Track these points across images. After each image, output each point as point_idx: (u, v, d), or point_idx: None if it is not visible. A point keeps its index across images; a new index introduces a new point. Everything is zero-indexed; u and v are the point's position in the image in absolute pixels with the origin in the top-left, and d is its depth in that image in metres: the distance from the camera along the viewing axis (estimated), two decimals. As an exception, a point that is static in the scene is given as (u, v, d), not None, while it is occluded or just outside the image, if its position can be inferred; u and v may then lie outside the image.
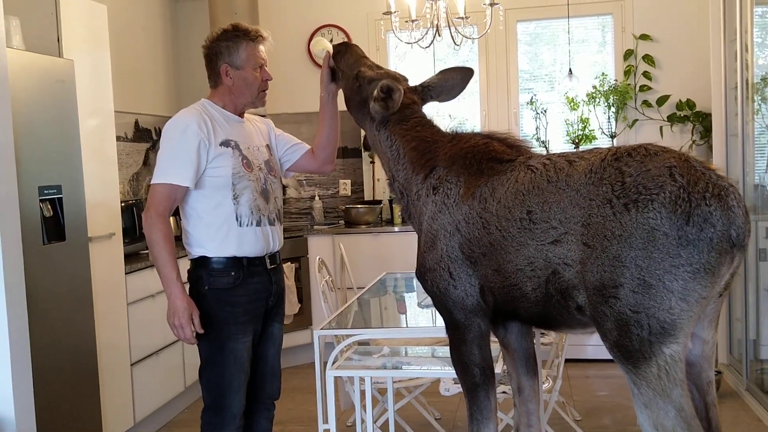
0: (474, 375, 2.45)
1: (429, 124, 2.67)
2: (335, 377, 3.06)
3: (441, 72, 2.79)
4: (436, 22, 4.15)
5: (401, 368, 3.19)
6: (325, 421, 3.10)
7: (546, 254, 2.13)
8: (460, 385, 3.21)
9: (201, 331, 2.75)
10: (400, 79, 2.74)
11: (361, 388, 3.21)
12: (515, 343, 2.62)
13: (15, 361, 2.22)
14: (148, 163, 5.59)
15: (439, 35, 4.21)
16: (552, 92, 6.07)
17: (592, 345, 5.25)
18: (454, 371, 2.56)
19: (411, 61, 6.20)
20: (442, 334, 3.05)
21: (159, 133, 5.77)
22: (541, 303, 2.22)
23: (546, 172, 2.20)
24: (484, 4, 4.23)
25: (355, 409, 3.18)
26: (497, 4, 4.24)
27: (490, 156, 2.42)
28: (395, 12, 4.24)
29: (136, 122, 5.50)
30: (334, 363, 3.08)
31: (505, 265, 2.24)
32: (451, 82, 2.77)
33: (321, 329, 3.18)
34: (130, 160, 5.33)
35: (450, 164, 2.48)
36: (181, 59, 6.25)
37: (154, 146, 5.70)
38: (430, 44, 4.35)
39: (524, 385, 2.63)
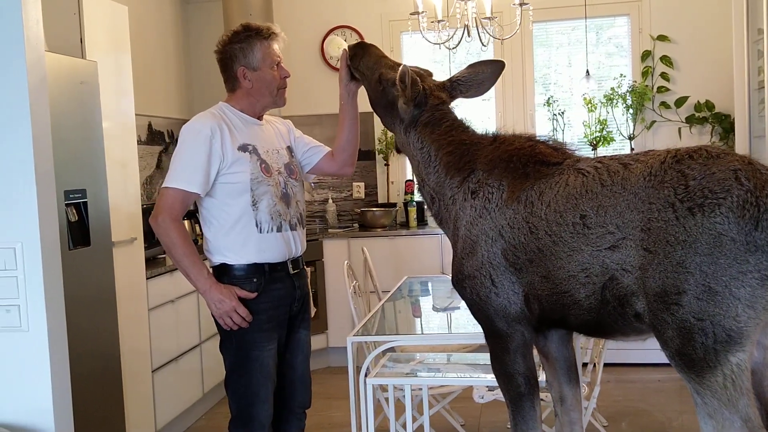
0: (519, 385, 2.38)
1: (462, 127, 2.59)
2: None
3: (470, 66, 2.69)
4: (465, 23, 4.09)
5: (434, 375, 3.14)
6: (359, 430, 3.05)
7: (603, 260, 2.07)
8: (494, 393, 3.18)
9: (249, 318, 2.73)
10: (425, 74, 2.66)
11: (395, 396, 3.16)
12: (556, 351, 2.55)
13: (55, 373, 2.16)
14: (161, 167, 5.53)
15: (469, 35, 4.16)
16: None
17: (608, 349, 5.19)
18: (488, 378, 2.50)
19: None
20: (474, 341, 3.01)
21: (172, 135, 5.72)
22: (594, 310, 2.16)
23: (599, 175, 2.14)
24: (514, 4, 4.18)
25: (390, 418, 3.11)
26: (527, 4, 4.18)
27: (537, 159, 2.35)
28: (423, 12, 4.18)
29: (149, 125, 5.44)
30: (367, 371, 3.03)
31: (556, 271, 2.18)
32: (481, 76, 2.67)
33: (354, 335, 3.12)
34: (144, 163, 5.26)
35: (491, 167, 2.41)
36: (194, 61, 6.20)
37: (167, 149, 5.65)
38: (457, 45, 4.30)
39: (566, 395, 2.56)
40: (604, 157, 2.26)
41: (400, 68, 2.53)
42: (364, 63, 2.74)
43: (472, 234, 2.38)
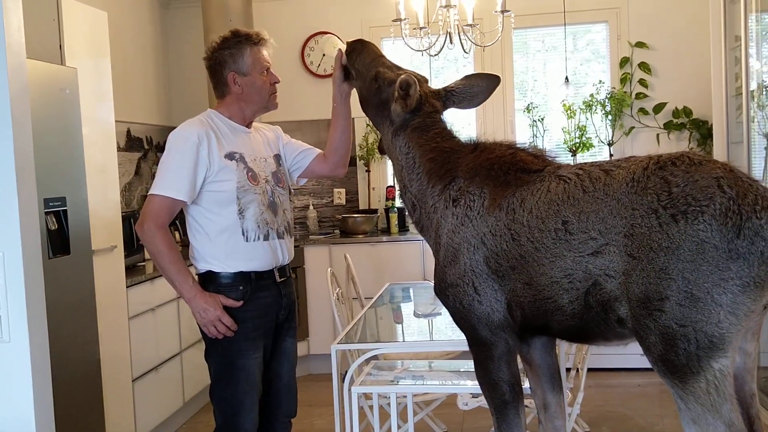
0: (503, 392, 2.38)
1: (449, 135, 2.57)
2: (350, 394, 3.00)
3: (466, 77, 2.68)
4: (448, 30, 4.11)
5: (417, 383, 3.14)
6: (345, 437, 3.04)
7: (586, 266, 2.08)
8: (478, 400, 3.18)
9: (234, 327, 2.71)
10: (421, 80, 2.65)
11: (378, 403, 3.15)
12: (539, 359, 2.55)
13: (36, 384, 2.13)
14: (139, 173, 5.50)
15: (451, 42, 4.17)
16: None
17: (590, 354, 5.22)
18: (471, 385, 2.50)
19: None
20: (459, 348, 3.00)
21: (150, 142, 5.69)
22: (578, 316, 2.16)
23: (580, 182, 2.15)
24: (495, 11, 4.20)
25: (374, 426, 3.10)
26: (509, 11, 4.21)
27: (517, 166, 2.35)
28: (405, 19, 4.18)
29: (128, 131, 5.40)
30: (351, 379, 3.02)
31: (538, 278, 2.19)
32: (476, 89, 2.65)
33: (338, 343, 3.11)
34: (122, 170, 5.22)
35: (472, 175, 2.41)
36: (174, 67, 6.17)
37: (146, 156, 5.61)
38: (439, 51, 4.31)
39: (550, 402, 2.56)
40: (585, 163, 2.26)
41: (403, 77, 2.51)
42: (362, 59, 2.72)
43: (453, 242, 2.37)
